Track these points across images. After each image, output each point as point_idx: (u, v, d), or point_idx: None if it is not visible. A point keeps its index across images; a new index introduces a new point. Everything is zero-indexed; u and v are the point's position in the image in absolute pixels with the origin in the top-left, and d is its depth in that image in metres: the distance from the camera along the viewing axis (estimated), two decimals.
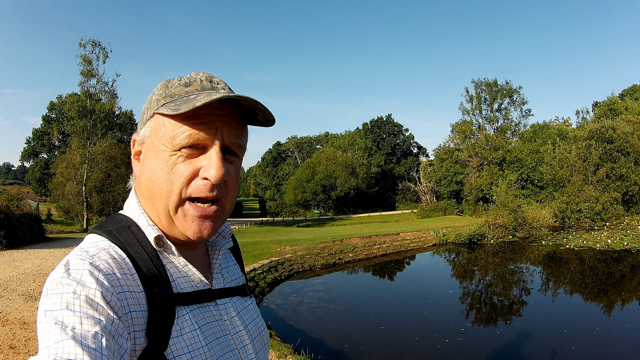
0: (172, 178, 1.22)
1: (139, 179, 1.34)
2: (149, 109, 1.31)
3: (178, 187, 1.22)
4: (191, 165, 1.23)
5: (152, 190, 1.26)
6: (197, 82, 1.29)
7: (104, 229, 1.26)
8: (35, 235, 26.03)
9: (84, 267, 1.07)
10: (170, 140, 1.22)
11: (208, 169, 1.21)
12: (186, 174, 1.22)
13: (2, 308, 10.98)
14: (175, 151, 1.22)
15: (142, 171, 1.31)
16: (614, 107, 63.86)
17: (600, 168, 45.85)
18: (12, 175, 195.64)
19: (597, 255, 26.51)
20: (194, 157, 1.23)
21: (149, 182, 1.26)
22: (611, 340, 13.16)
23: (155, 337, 1.13)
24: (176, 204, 1.23)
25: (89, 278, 1.05)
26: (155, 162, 1.25)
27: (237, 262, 1.66)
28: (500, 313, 16.62)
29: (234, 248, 1.70)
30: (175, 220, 1.25)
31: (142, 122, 1.35)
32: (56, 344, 0.93)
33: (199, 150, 1.23)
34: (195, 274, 1.31)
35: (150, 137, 1.29)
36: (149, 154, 1.29)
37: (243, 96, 1.20)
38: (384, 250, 29.77)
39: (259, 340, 1.48)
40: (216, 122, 1.23)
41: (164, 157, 1.23)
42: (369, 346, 12.82)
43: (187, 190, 1.23)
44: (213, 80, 1.32)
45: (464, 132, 67.23)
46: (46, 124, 67.89)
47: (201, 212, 1.24)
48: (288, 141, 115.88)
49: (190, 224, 1.24)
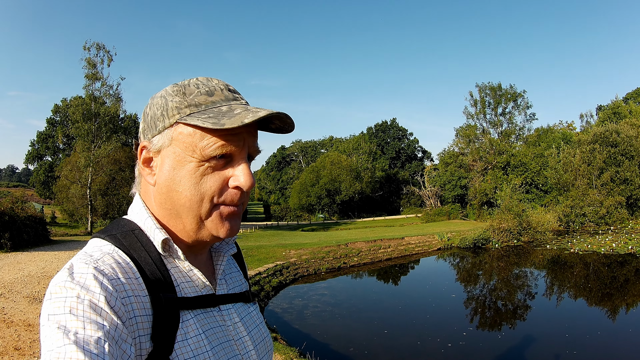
0: (201, 188, 1.22)
1: (154, 188, 1.32)
2: (166, 117, 1.27)
3: (209, 196, 1.22)
4: (221, 175, 1.23)
5: (178, 200, 1.24)
6: (219, 92, 1.28)
7: (107, 233, 1.25)
8: (40, 237, 26.02)
9: (88, 271, 1.06)
10: (199, 151, 1.21)
11: (239, 179, 1.23)
12: (218, 184, 1.23)
13: (7, 310, 11.01)
14: (204, 162, 1.22)
15: (161, 180, 1.28)
16: (617, 110, 63.71)
17: (604, 172, 45.86)
18: (17, 178, 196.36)
19: (602, 259, 26.49)
20: (221, 166, 1.24)
21: (173, 192, 1.25)
22: (613, 345, 13.15)
23: (161, 342, 1.12)
24: (209, 209, 1.24)
25: (93, 282, 1.04)
26: (180, 172, 1.24)
27: (240, 269, 1.65)
28: (503, 317, 16.63)
29: (237, 255, 1.70)
30: (207, 223, 1.25)
31: (154, 128, 1.30)
32: (58, 349, 0.92)
33: (225, 159, 1.24)
34: (199, 279, 1.30)
35: (171, 146, 1.27)
36: (170, 164, 1.26)
37: (285, 114, 1.24)
38: (388, 254, 29.77)
39: (263, 346, 1.48)
40: (244, 134, 1.24)
41: (191, 168, 1.22)
42: (374, 350, 12.83)
43: (219, 198, 1.23)
44: (230, 89, 1.32)
45: (468, 137, 67.12)
46: (51, 127, 68.17)
47: (233, 211, 1.26)
48: (292, 145, 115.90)
49: (225, 223, 1.26)
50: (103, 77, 39.17)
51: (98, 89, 39.22)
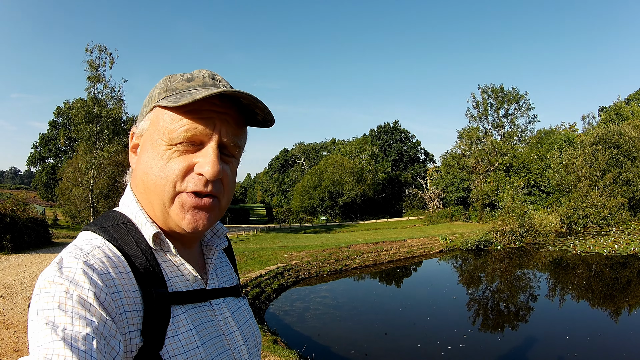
0: (166, 172, 1.20)
1: (134, 172, 1.33)
2: (150, 102, 1.30)
3: (172, 180, 1.20)
4: (186, 160, 1.21)
5: (147, 183, 1.24)
6: (200, 78, 1.28)
7: (98, 225, 1.23)
8: (41, 239, 26.05)
9: (78, 265, 1.05)
10: (167, 133, 1.21)
11: (203, 165, 1.20)
12: (181, 168, 1.20)
13: (7, 311, 11.04)
14: (172, 145, 1.21)
15: (138, 164, 1.30)
16: (620, 111, 63.53)
17: (606, 173, 45.82)
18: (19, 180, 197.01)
19: (604, 261, 26.48)
20: (190, 152, 1.22)
21: (144, 175, 1.25)
22: (615, 346, 13.13)
23: (151, 337, 1.11)
24: (171, 196, 1.21)
25: (82, 277, 1.02)
26: (152, 155, 1.24)
27: (230, 262, 1.64)
28: (503, 319, 16.63)
29: (228, 248, 1.69)
30: (170, 212, 1.23)
31: (142, 115, 1.34)
32: (46, 345, 0.91)
33: (195, 146, 1.22)
34: (191, 273, 1.29)
35: (148, 130, 1.28)
36: (146, 147, 1.27)
37: (243, 92, 1.19)
38: (390, 256, 29.79)
39: (252, 341, 1.47)
40: (215, 119, 1.22)
41: (160, 151, 1.22)
42: (374, 353, 12.82)
43: (182, 184, 1.21)
44: (215, 78, 1.31)
45: (470, 138, 67.03)
46: (53, 129, 68.13)
47: (197, 202, 1.21)
48: (295, 147, 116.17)
49: (186, 214, 1.22)
50: (105, 80, 39.11)
51: (100, 91, 39.15)
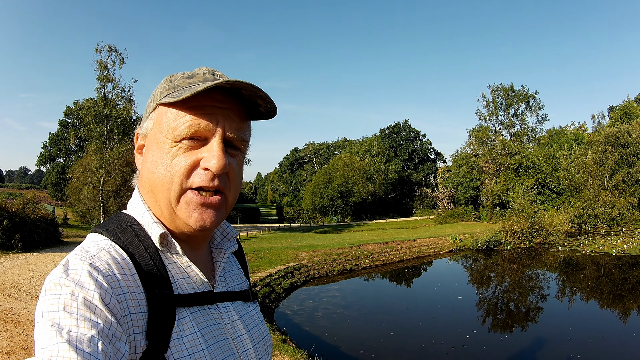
0: (172, 169, 1.21)
1: (141, 173, 1.34)
2: (153, 102, 1.31)
3: (178, 177, 1.20)
4: (192, 156, 1.21)
5: (153, 182, 1.25)
6: (200, 75, 1.28)
7: (105, 227, 1.24)
8: (51, 238, 26.25)
9: (83, 267, 1.05)
10: (171, 131, 1.21)
11: (209, 160, 1.20)
12: (186, 164, 1.21)
13: (16, 310, 11.11)
14: (176, 142, 1.21)
15: (144, 164, 1.30)
16: (629, 111, 63.27)
17: (616, 173, 45.81)
18: (29, 180, 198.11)
19: (613, 261, 26.37)
20: (195, 148, 1.22)
21: (150, 174, 1.26)
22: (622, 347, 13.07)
23: (156, 339, 1.11)
24: (177, 194, 1.22)
25: (87, 279, 1.03)
26: (157, 154, 1.24)
27: (241, 267, 1.63)
28: (507, 320, 16.60)
29: (239, 252, 1.68)
30: (177, 211, 1.23)
31: (145, 116, 1.34)
32: (51, 347, 0.91)
33: (200, 142, 1.22)
34: (197, 275, 1.29)
35: (153, 129, 1.28)
36: (151, 147, 1.28)
37: (243, 82, 1.18)
38: (400, 256, 29.78)
39: (262, 345, 1.46)
40: (217, 114, 1.22)
41: (165, 149, 1.23)
42: (383, 353, 12.79)
43: (188, 181, 1.21)
44: (216, 74, 1.31)
45: (480, 138, 66.99)
46: (63, 129, 68.42)
47: (203, 200, 1.22)
48: (305, 147, 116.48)
49: (192, 212, 1.22)
50: (115, 79, 39.33)
51: (110, 91, 39.39)
